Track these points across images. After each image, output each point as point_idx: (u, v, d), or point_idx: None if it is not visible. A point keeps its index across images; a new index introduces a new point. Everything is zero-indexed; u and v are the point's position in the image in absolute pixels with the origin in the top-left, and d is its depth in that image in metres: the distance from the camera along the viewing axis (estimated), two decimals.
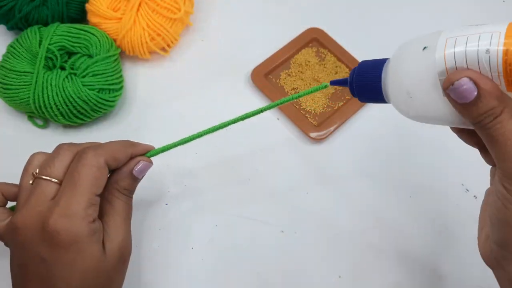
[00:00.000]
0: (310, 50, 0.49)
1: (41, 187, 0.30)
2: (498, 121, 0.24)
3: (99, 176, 0.30)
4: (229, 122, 0.35)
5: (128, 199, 0.34)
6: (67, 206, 0.29)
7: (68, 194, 0.29)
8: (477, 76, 0.23)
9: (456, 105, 0.25)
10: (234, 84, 0.48)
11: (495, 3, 0.55)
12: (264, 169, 0.43)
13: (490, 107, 0.23)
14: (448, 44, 0.24)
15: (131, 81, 0.47)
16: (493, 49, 0.23)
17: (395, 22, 0.53)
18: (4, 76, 0.41)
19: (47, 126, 0.44)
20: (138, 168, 0.33)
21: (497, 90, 0.23)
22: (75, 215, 0.29)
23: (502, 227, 0.25)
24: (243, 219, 0.41)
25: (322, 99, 0.46)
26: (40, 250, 0.29)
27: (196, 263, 0.39)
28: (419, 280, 0.40)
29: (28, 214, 0.29)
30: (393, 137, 0.46)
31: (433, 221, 0.42)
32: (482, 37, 0.23)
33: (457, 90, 0.24)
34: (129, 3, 0.44)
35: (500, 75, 0.23)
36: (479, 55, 0.23)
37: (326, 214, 0.42)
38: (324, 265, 0.40)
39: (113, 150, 0.32)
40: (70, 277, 0.29)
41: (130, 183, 0.33)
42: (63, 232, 0.28)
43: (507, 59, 0.23)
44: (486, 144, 0.25)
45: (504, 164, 0.24)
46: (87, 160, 0.30)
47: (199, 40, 0.50)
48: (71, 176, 0.30)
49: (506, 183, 0.24)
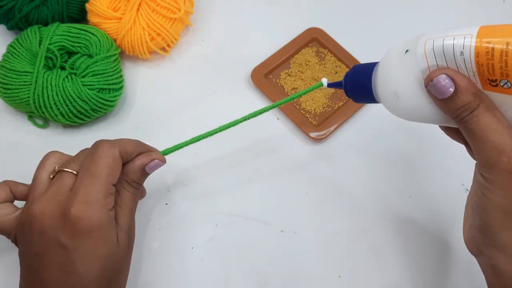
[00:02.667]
0: (310, 50, 0.49)
1: (63, 179, 0.31)
2: (474, 115, 0.26)
3: (115, 166, 0.31)
4: (237, 121, 0.36)
5: (136, 191, 0.35)
6: (87, 194, 0.30)
7: (87, 183, 0.30)
8: (454, 73, 0.26)
9: (436, 101, 0.27)
10: (234, 84, 0.48)
11: (495, 3, 0.55)
12: (264, 169, 0.43)
13: (466, 102, 0.26)
14: (427, 46, 0.26)
15: (131, 81, 0.47)
16: (466, 51, 0.25)
17: (395, 22, 0.53)
18: (4, 76, 0.41)
19: (47, 126, 0.44)
20: (152, 165, 0.35)
21: (473, 86, 0.26)
22: (96, 203, 0.30)
23: (481, 213, 0.27)
24: (243, 219, 0.41)
25: (322, 99, 0.46)
26: (60, 236, 0.29)
27: (196, 263, 0.39)
28: (419, 281, 0.40)
29: (46, 203, 0.30)
30: (393, 137, 0.46)
31: (433, 221, 0.42)
32: (456, 40, 0.25)
33: (436, 86, 0.26)
34: (129, 3, 0.44)
35: (475, 74, 0.25)
36: (455, 56, 0.25)
37: (326, 214, 0.42)
38: (324, 265, 0.40)
39: (126, 144, 0.33)
40: (91, 263, 0.29)
41: (140, 177, 0.34)
42: (85, 219, 0.29)
43: (479, 60, 0.24)
44: (466, 137, 0.27)
45: (481, 154, 0.26)
46: (103, 151, 0.31)
47: (199, 40, 0.50)
48: (88, 167, 0.31)
49: (483, 172, 0.26)
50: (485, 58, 0.24)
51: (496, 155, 0.25)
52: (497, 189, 0.26)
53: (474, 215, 0.28)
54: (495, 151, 0.25)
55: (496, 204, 0.26)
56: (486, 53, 0.24)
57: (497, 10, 0.55)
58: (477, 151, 0.26)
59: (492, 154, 0.25)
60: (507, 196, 0.26)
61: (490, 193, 0.26)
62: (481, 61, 0.24)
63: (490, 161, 0.26)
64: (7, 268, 0.36)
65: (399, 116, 0.30)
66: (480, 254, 0.29)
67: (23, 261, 0.31)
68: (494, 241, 0.27)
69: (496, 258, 0.27)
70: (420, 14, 0.54)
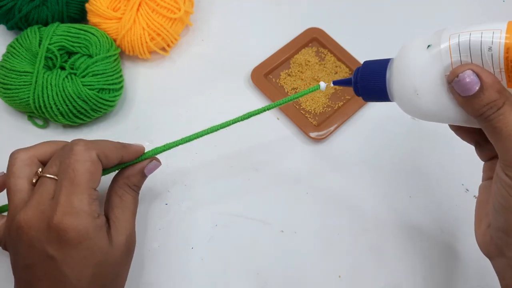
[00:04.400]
0: (310, 50, 0.49)
1: (45, 185, 0.30)
2: (501, 113, 0.25)
3: (94, 171, 0.30)
4: (230, 121, 0.35)
5: (136, 194, 0.35)
6: (69, 204, 0.29)
7: (67, 191, 0.29)
8: (479, 69, 0.25)
9: (459, 99, 0.26)
10: (234, 84, 0.48)
11: (495, 3, 0.55)
12: (264, 169, 0.43)
13: (492, 99, 0.25)
14: (452, 40, 0.25)
15: (131, 81, 0.47)
16: (495, 46, 0.24)
17: (395, 22, 0.53)
18: (4, 76, 0.41)
19: (47, 126, 0.44)
20: (150, 167, 0.35)
21: (499, 83, 0.25)
22: (80, 212, 0.29)
23: (506, 213, 0.26)
24: (243, 219, 0.41)
25: (322, 99, 0.46)
26: (48, 249, 0.28)
27: (196, 263, 0.39)
28: (419, 281, 0.40)
29: (32, 213, 0.29)
30: (393, 137, 0.46)
31: (433, 221, 0.42)
32: (484, 35, 0.24)
33: (461, 83, 0.25)
34: (129, 3, 0.44)
35: (502, 71, 0.24)
36: (482, 52, 0.24)
37: (326, 214, 0.42)
38: (324, 265, 0.40)
39: (104, 147, 0.32)
40: (82, 272, 0.29)
41: (139, 180, 0.35)
42: (71, 230, 0.28)
43: (508, 56, 0.23)
44: (489, 136, 0.26)
45: (506, 153, 0.25)
46: (79, 155, 0.30)
47: (199, 40, 0.50)
48: (65, 173, 0.29)
49: (509, 172, 0.25)
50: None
51: None
52: None
53: (497, 215, 0.27)
54: None
55: None
56: None
57: (497, 10, 0.55)
58: (502, 150, 0.25)
59: None
60: None
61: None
62: (511, 57, 0.23)
63: None
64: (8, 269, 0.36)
65: (415, 115, 0.29)
66: (499, 256, 0.28)
67: (15, 271, 0.31)
68: None
69: None
70: (420, 14, 0.54)
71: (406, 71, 0.27)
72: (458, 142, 0.31)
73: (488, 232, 0.28)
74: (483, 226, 0.30)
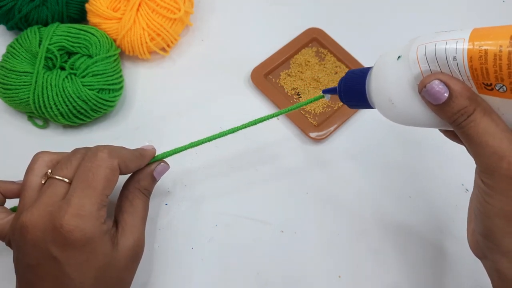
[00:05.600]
0: (310, 50, 0.49)
1: (54, 187, 0.30)
2: (471, 120, 0.25)
3: (112, 178, 0.31)
4: (238, 127, 0.36)
5: (147, 199, 0.35)
6: (80, 206, 0.29)
7: (81, 194, 0.29)
8: (447, 78, 0.25)
9: (432, 107, 0.26)
10: (234, 84, 0.48)
11: (495, 3, 0.55)
12: (264, 169, 0.43)
13: (462, 106, 0.25)
14: (419, 51, 0.26)
15: (131, 81, 0.47)
16: (459, 56, 0.24)
17: (395, 22, 0.53)
18: (4, 76, 0.41)
19: (47, 126, 0.44)
20: (159, 169, 0.35)
21: (468, 90, 0.25)
22: (88, 216, 0.29)
23: (483, 219, 0.27)
24: (243, 219, 0.41)
25: (322, 100, 0.46)
26: (52, 249, 0.28)
27: (196, 263, 0.39)
28: (419, 280, 0.40)
29: (38, 213, 0.29)
30: (393, 137, 0.46)
31: (433, 221, 0.42)
32: (449, 45, 0.24)
33: (430, 92, 0.25)
34: (129, 3, 0.44)
35: (469, 78, 0.25)
36: (447, 61, 0.25)
37: (326, 214, 0.42)
38: (324, 265, 0.40)
39: (126, 156, 0.32)
40: (85, 274, 0.29)
41: (150, 183, 0.35)
42: (77, 232, 0.28)
43: (472, 64, 0.24)
44: (464, 142, 0.27)
45: (480, 160, 0.25)
46: (102, 161, 0.30)
47: (199, 40, 0.50)
48: (84, 176, 0.30)
49: (484, 178, 0.26)
50: (478, 62, 0.23)
51: (496, 161, 0.25)
52: (498, 195, 0.25)
53: (476, 220, 0.28)
54: (495, 157, 0.25)
55: (498, 210, 0.26)
56: (479, 57, 0.23)
57: (497, 10, 0.55)
58: (476, 156, 0.26)
59: (491, 159, 0.25)
60: (508, 202, 0.25)
61: (491, 199, 0.26)
62: (475, 65, 0.24)
63: (490, 167, 0.25)
64: (8, 269, 0.36)
65: (395, 122, 0.29)
66: (484, 258, 0.28)
67: (18, 270, 0.31)
68: (498, 246, 0.26)
69: (500, 263, 0.27)
70: (420, 14, 0.54)
71: (381, 81, 0.28)
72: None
73: (475, 236, 0.29)
74: (471, 229, 0.30)
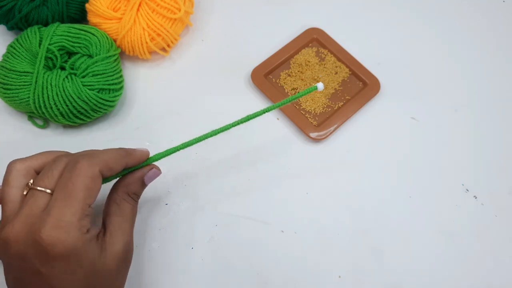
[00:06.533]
0: (310, 50, 0.49)
1: (35, 198, 0.29)
2: None
3: (93, 187, 0.30)
4: (232, 124, 0.35)
5: (135, 203, 0.34)
6: (61, 217, 0.28)
7: (61, 205, 0.28)
8: None
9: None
10: (234, 84, 0.48)
11: (495, 3, 0.55)
12: (264, 169, 0.43)
13: None
14: None
15: (131, 81, 0.47)
16: None
17: (395, 23, 0.53)
18: (4, 76, 0.41)
19: (47, 126, 0.44)
20: (149, 175, 0.35)
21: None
22: (69, 226, 0.28)
23: None
24: (243, 219, 0.41)
25: (322, 99, 0.46)
26: (35, 263, 0.28)
27: (196, 263, 0.39)
28: (419, 281, 0.40)
29: (19, 226, 0.28)
30: (393, 137, 0.46)
31: (433, 221, 0.42)
32: None
33: None
34: (129, 3, 0.44)
35: None
36: None
37: (326, 214, 0.42)
38: (324, 265, 0.40)
39: (108, 160, 0.31)
40: (72, 285, 0.29)
41: (139, 188, 0.34)
42: (58, 244, 0.28)
43: None
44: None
45: None
46: (81, 170, 0.29)
47: (199, 40, 0.50)
48: (64, 186, 0.29)
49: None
50: None
51: None
52: None
53: None
54: None
55: None
56: None
57: (497, 10, 0.55)
58: None
59: None
60: None
61: None
62: None
63: None
64: None
65: None
66: None
67: (7, 283, 0.30)
68: None
69: None
70: (420, 14, 0.54)
71: None
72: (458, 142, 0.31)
73: None
74: None
